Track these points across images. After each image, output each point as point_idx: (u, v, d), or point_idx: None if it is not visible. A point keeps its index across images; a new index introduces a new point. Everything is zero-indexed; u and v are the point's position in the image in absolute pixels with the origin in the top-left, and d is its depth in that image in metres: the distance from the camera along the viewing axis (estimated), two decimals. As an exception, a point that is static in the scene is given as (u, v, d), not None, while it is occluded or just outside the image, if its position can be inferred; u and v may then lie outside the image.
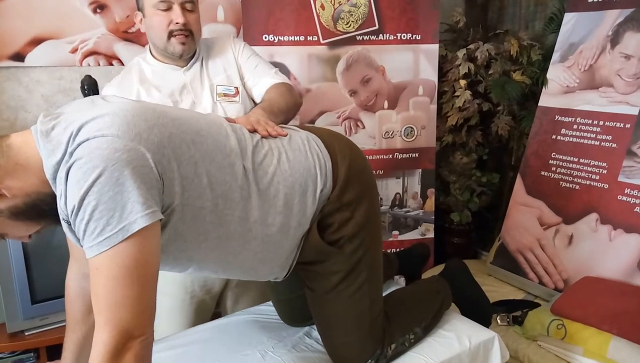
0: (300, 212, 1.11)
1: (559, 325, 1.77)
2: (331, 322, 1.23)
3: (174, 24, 1.40)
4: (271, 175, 1.07)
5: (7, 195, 0.89)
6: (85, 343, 1.17)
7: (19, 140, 0.92)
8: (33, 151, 0.90)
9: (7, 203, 0.90)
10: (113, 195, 0.82)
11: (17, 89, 2.06)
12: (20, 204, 0.91)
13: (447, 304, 1.45)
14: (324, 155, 1.15)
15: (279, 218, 1.08)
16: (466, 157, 2.65)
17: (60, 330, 1.87)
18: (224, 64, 1.53)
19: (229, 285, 1.64)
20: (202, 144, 0.98)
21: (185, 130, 0.97)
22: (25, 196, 0.90)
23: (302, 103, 1.51)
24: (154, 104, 1.03)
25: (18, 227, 0.94)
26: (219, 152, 1.00)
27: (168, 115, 0.97)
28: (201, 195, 0.96)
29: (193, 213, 0.96)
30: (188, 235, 0.98)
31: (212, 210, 0.99)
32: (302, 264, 1.20)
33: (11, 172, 0.89)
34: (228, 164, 1.01)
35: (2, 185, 0.89)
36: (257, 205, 1.04)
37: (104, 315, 0.84)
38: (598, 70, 2.20)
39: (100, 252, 0.83)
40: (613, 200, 2.04)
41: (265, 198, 1.05)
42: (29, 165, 0.90)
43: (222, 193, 0.99)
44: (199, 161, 0.96)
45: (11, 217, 0.92)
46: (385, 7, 2.30)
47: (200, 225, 0.98)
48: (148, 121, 0.92)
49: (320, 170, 1.13)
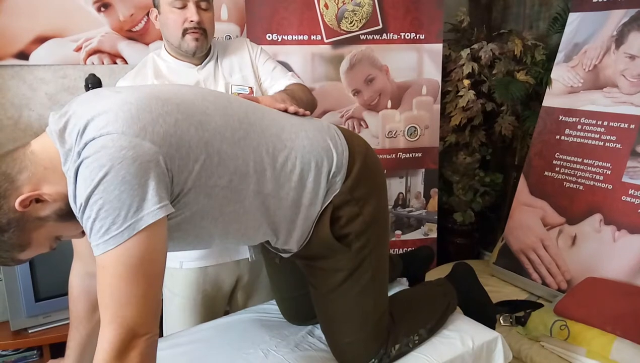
0: (313, 191, 1.11)
1: (562, 325, 1.77)
2: (335, 320, 1.23)
3: (189, 22, 1.42)
4: (289, 149, 1.07)
5: (49, 200, 0.91)
6: (88, 341, 1.17)
7: (39, 144, 0.93)
8: (53, 152, 0.91)
9: (51, 207, 0.91)
10: (119, 193, 0.83)
11: (21, 87, 2.07)
12: (63, 206, 0.92)
13: (452, 307, 1.44)
14: (342, 143, 1.16)
15: (292, 193, 1.08)
16: (469, 157, 2.64)
17: (64, 328, 1.88)
18: (240, 64, 1.55)
19: (240, 283, 1.65)
20: (209, 122, 0.98)
21: (191, 113, 0.97)
22: (64, 197, 0.91)
23: (317, 104, 1.53)
24: (158, 89, 1.03)
25: (68, 227, 0.95)
26: (228, 127, 1.01)
27: (172, 101, 0.97)
28: (213, 173, 0.97)
29: (206, 192, 0.97)
30: (204, 213, 0.99)
31: (226, 186, 0.99)
32: (306, 259, 1.20)
33: (44, 178, 0.90)
34: (239, 138, 1.01)
35: (41, 191, 0.90)
36: (271, 177, 1.05)
37: (109, 312, 0.84)
38: (602, 70, 2.19)
39: (107, 250, 0.84)
40: (617, 200, 2.03)
41: (282, 172, 1.06)
42: (55, 167, 0.91)
43: (235, 168, 1.00)
44: (208, 141, 0.96)
45: (59, 219, 0.93)
46: (389, 7, 2.30)
47: (215, 202, 0.99)
48: (152, 112, 0.92)
49: (337, 154, 1.13)
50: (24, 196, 0.88)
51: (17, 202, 0.88)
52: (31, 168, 0.90)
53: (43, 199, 0.90)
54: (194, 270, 1.55)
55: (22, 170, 0.89)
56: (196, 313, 1.59)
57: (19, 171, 0.89)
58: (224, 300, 1.66)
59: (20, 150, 0.93)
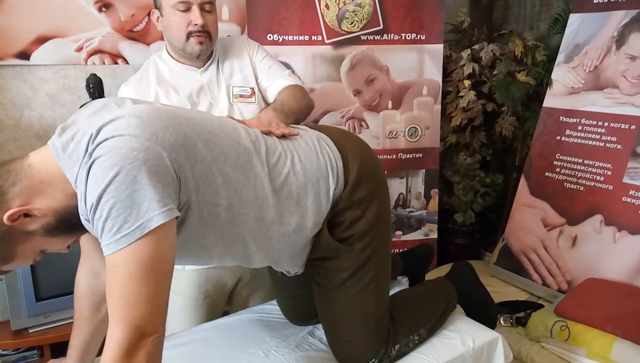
0: (316, 212, 1.12)
1: (562, 326, 1.77)
2: (337, 319, 1.23)
3: (193, 25, 1.40)
4: (285, 176, 1.08)
5: (38, 215, 0.91)
6: (91, 340, 1.17)
7: (38, 158, 0.93)
8: (54, 166, 0.91)
9: (39, 222, 0.92)
10: (130, 193, 0.83)
11: (22, 87, 2.07)
12: (52, 221, 0.92)
13: (452, 307, 1.45)
14: (334, 155, 1.17)
15: (294, 219, 1.10)
16: (470, 158, 2.64)
17: (64, 328, 1.89)
18: (240, 65, 1.54)
19: (240, 283, 1.65)
20: (216, 143, 1.00)
21: (199, 130, 0.99)
22: (55, 213, 0.91)
23: (314, 105, 1.52)
24: (167, 105, 1.06)
25: (55, 241, 0.96)
26: (233, 151, 1.02)
27: (182, 116, 0.99)
28: (216, 193, 0.98)
29: (209, 209, 0.98)
30: (206, 232, 1.00)
31: (227, 208, 1.00)
32: (312, 260, 1.21)
33: (38, 192, 0.90)
34: (242, 163, 1.02)
35: (32, 206, 0.90)
36: (273, 205, 1.06)
37: (119, 312, 0.85)
38: (603, 71, 2.19)
39: (118, 250, 0.84)
40: (618, 201, 2.03)
41: (280, 198, 1.07)
42: (52, 181, 0.91)
43: (237, 192, 1.01)
44: (213, 160, 0.98)
45: (46, 234, 0.93)
46: (390, 7, 2.30)
47: (217, 223, 1.00)
48: (163, 121, 0.93)
49: (332, 170, 1.14)
50: (12, 211, 0.88)
51: (5, 216, 0.88)
52: (25, 181, 0.90)
53: (32, 214, 0.90)
54: (197, 271, 1.56)
55: (15, 183, 0.89)
56: (197, 313, 1.60)
57: (12, 184, 0.89)
58: (225, 299, 1.67)
59: (17, 161, 0.93)
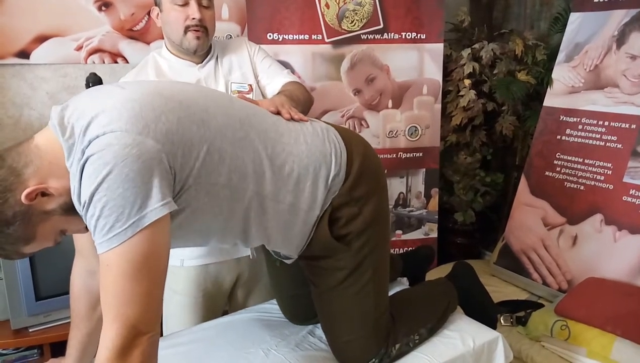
0: (311, 196, 1.11)
1: (562, 325, 1.77)
2: (335, 319, 1.23)
3: (190, 20, 1.44)
4: (287, 153, 1.08)
5: (54, 193, 0.91)
6: (89, 340, 1.17)
7: (43, 139, 0.93)
8: (57, 146, 0.91)
9: (57, 201, 0.92)
10: (123, 191, 0.83)
11: (22, 86, 2.07)
12: (68, 200, 0.91)
13: (453, 307, 1.44)
14: (340, 146, 1.17)
15: (289, 197, 1.09)
16: (470, 157, 2.64)
17: (64, 327, 1.88)
18: (239, 62, 1.57)
19: (240, 281, 1.65)
20: (211, 121, 0.99)
21: (193, 111, 0.98)
22: (69, 192, 0.91)
23: (313, 101, 1.55)
24: (161, 86, 1.04)
25: (73, 221, 0.95)
26: (229, 127, 1.01)
27: (175, 99, 0.98)
28: (214, 171, 0.97)
29: (207, 189, 0.97)
30: (204, 210, 0.99)
31: (226, 185, 1.00)
32: (308, 259, 1.21)
33: (50, 172, 0.90)
34: (239, 138, 1.02)
35: (47, 185, 0.90)
36: (270, 180, 1.05)
37: (112, 311, 0.84)
38: (603, 70, 2.19)
39: (111, 248, 0.84)
40: (618, 201, 2.03)
41: (279, 175, 1.07)
42: (59, 162, 0.91)
43: (236, 168, 1.00)
44: (210, 139, 0.97)
45: (64, 213, 0.93)
46: (390, 6, 2.29)
47: (215, 200, 1.00)
48: (155, 110, 0.92)
49: (335, 158, 1.14)
50: (30, 189, 0.88)
51: (23, 195, 0.88)
52: (36, 162, 0.90)
53: (49, 193, 0.90)
54: (196, 268, 1.56)
55: (27, 164, 0.90)
56: (196, 311, 1.59)
57: (25, 165, 0.89)
58: (224, 298, 1.67)
59: (24, 144, 0.93)
